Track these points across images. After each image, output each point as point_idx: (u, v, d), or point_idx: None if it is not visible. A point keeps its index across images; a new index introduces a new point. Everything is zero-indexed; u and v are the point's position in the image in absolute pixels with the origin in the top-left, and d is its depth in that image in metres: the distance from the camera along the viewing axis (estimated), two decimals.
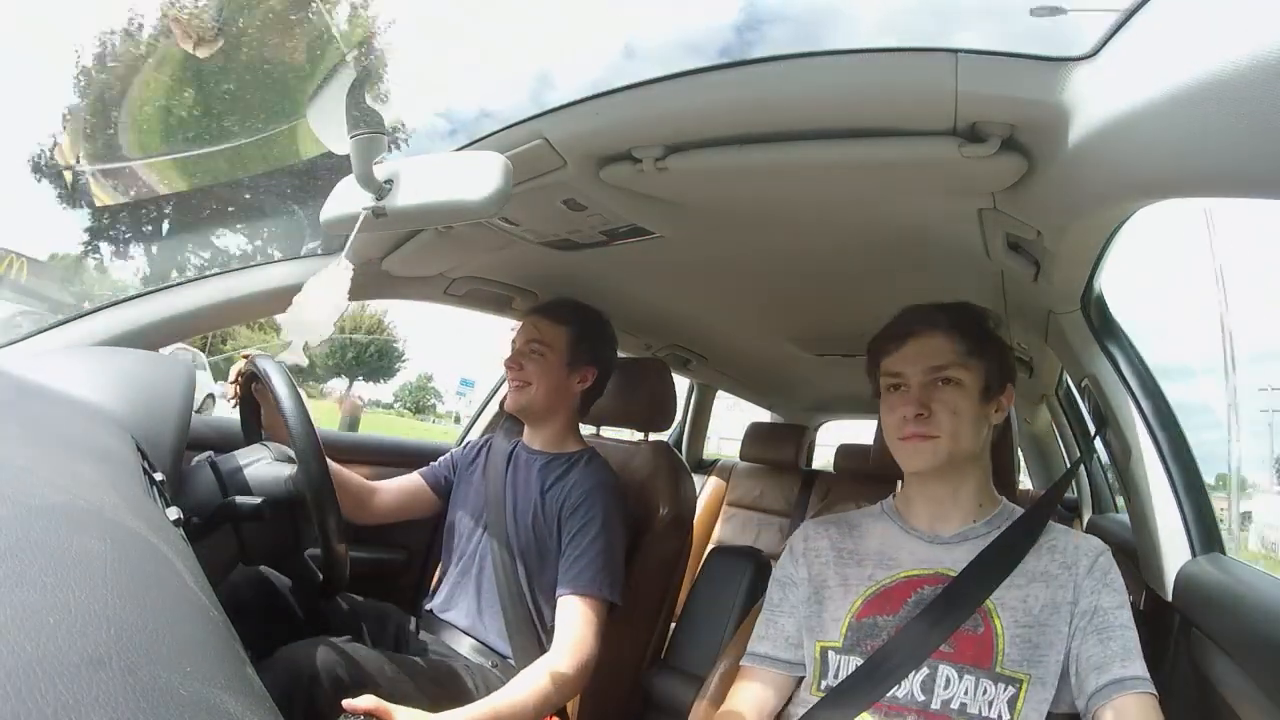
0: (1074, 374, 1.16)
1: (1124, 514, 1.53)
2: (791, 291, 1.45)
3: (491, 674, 1.07)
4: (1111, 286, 0.98)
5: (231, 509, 0.81)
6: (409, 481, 1.30)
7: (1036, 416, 2.52)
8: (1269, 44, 0.36)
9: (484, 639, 1.12)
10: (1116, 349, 0.97)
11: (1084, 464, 1.73)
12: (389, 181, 0.78)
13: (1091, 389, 1.02)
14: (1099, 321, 0.99)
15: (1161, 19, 0.48)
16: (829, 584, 0.86)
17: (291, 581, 1.11)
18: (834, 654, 0.80)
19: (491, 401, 1.81)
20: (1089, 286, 0.92)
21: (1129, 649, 0.71)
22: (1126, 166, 0.56)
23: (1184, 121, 0.44)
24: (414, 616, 1.22)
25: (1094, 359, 0.99)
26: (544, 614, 1.13)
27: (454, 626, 1.15)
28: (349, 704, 0.70)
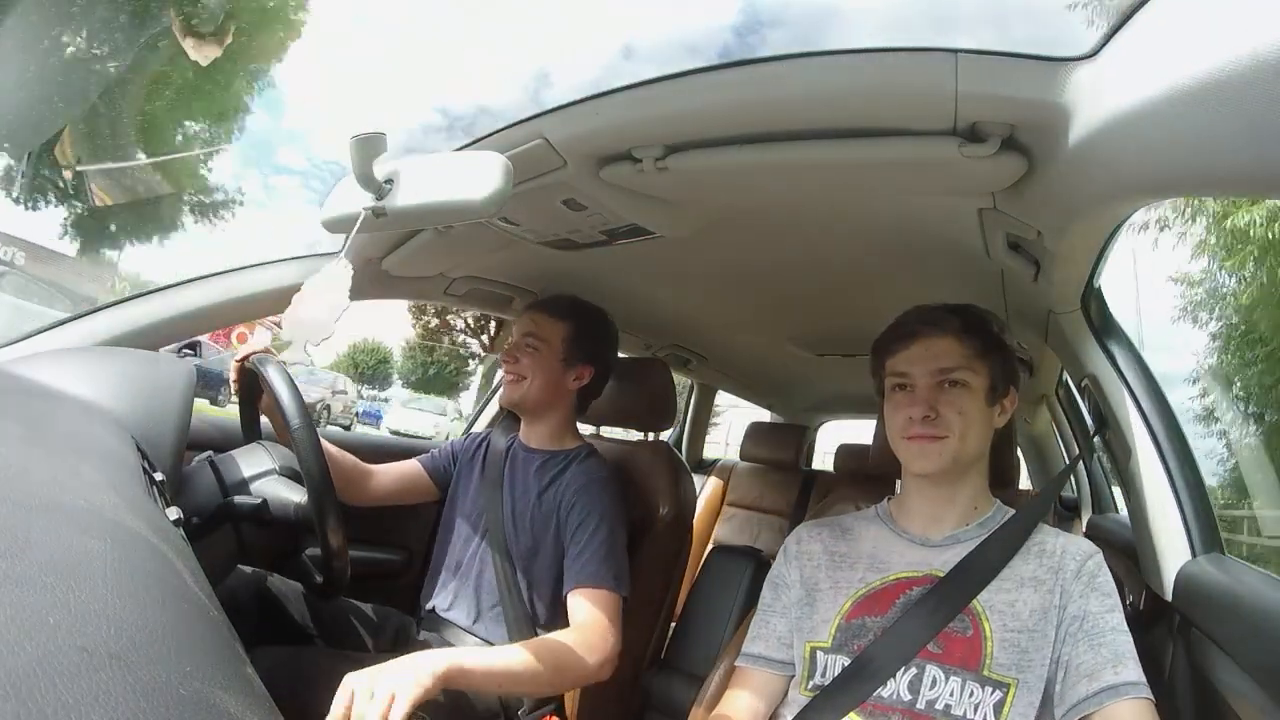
0: (1074, 374, 1.16)
1: (1124, 514, 1.53)
2: (791, 291, 1.45)
3: None
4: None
5: (231, 509, 0.81)
6: (407, 467, 1.30)
7: (1036, 416, 2.52)
8: (1269, 44, 0.36)
9: (485, 638, 1.12)
10: (1116, 349, 0.97)
11: (1084, 463, 1.73)
12: (389, 181, 0.78)
13: (1091, 389, 1.02)
14: (1099, 321, 0.99)
15: (1161, 19, 0.48)
16: (820, 586, 0.86)
17: (290, 583, 1.11)
18: (822, 654, 0.81)
19: (493, 399, 1.81)
20: (1089, 286, 0.92)
21: (1121, 654, 0.70)
22: (1126, 166, 0.56)
23: (1184, 121, 0.44)
24: (414, 617, 1.22)
25: (1094, 359, 0.99)
26: (540, 613, 1.13)
27: (456, 626, 1.15)
28: None
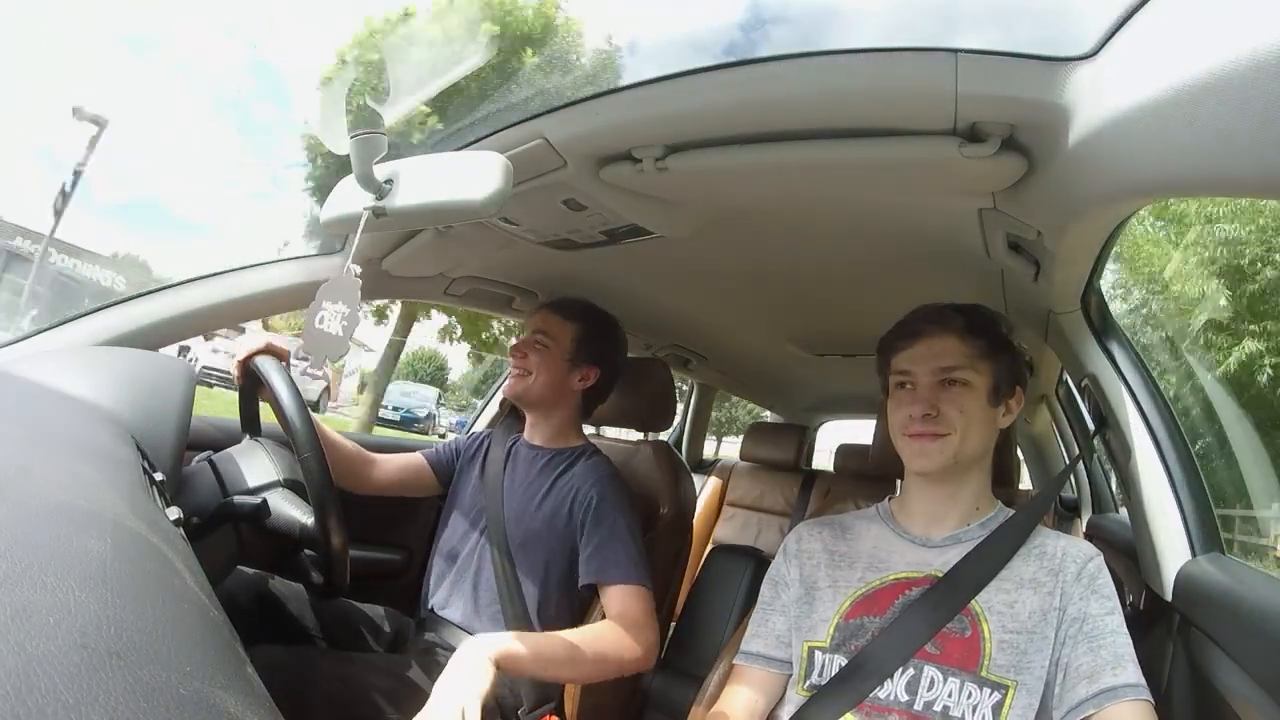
0: (1074, 374, 1.16)
1: (1124, 514, 1.53)
2: (792, 291, 1.45)
3: None
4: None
5: (231, 509, 0.81)
6: (410, 459, 1.30)
7: (1036, 416, 2.52)
8: (1269, 43, 0.36)
9: None
10: (1116, 349, 0.97)
11: (1084, 463, 1.73)
12: (389, 181, 0.78)
13: (1091, 389, 1.02)
14: (1099, 321, 0.99)
15: (1161, 19, 0.48)
16: (819, 585, 0.86)
17: (290, 584, 1.11)
18: (820, 653, 0.81)
19: (496, 396, 1.81)
20: (1089, 286, 0.92)
21: (1120, 656, 0.70)
22: (1126, 166, 0.56)
23: (1184, 121, 0.44)
24: (414, 618, 1.22)
25: (1094, 359, 0.99)
26: (541, 612, 1.13)
27: (455, 625, 1.15)
28: None
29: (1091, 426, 1.12)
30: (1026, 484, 3.04)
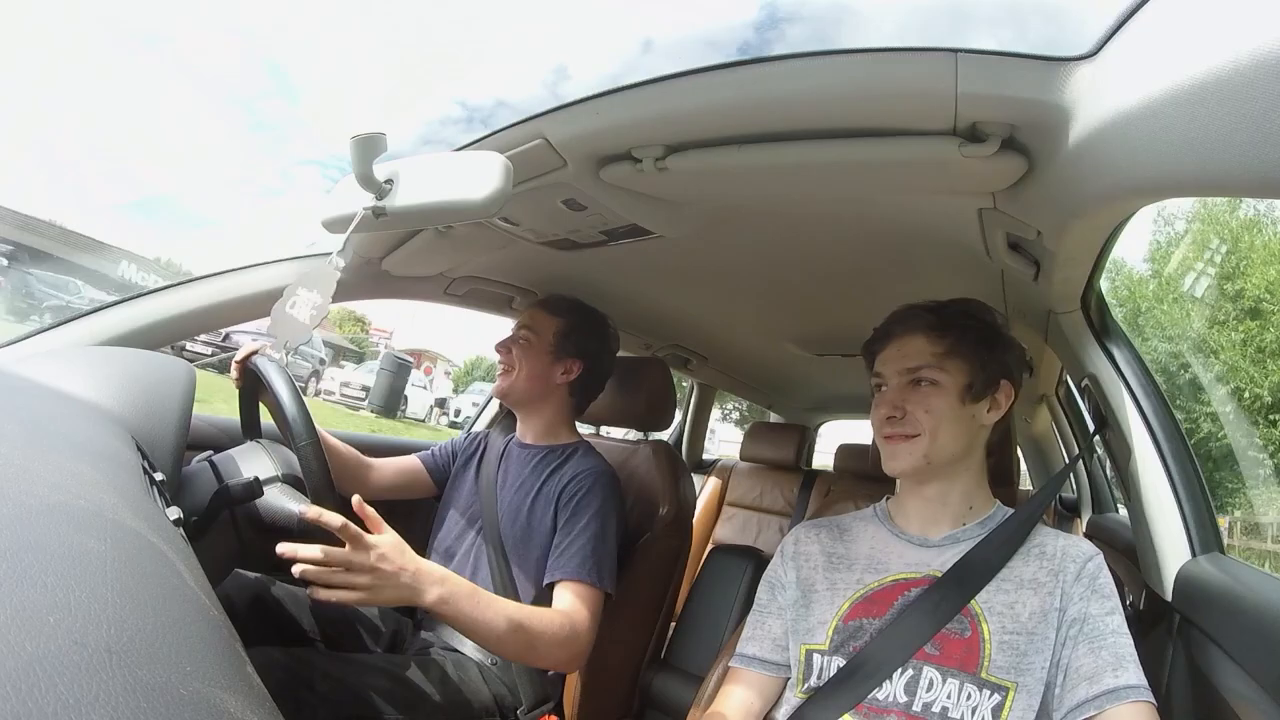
0: (1074, 374, 1.16)
1: (1124, 514, 1.53)
2: (791, 291, 1.45)
3: (490, 670, 1.07)
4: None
5: (226, 494, 0.80)
6: (407, 462, 1.31)
7: (1036, 416, 2.52)
8: (1269, 44, 0.36)
9: None
10: (1116, 349, 0.97)
11: (1084, 463, 1.73)
12: (389, 181, 0.78)
13: (1091, 389, 1.02)
14: (1099, 321, 0.99)
15: (1161, 19, 0.48)
16: (817, 588, 0.85)
17: (288, 586, 1.11)
18: (818, 655, 0.80)
19: (494, 400, 1.81)
20: (1089, 286, 0.92)
21: (1121, 657, 0.69)
22: (1126, 166, 0.56)
23: (1184, 121, 0.44)
24: (412, 618, 1.22)
25: (1094, 359, 0.99)
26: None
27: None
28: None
29: (1091, 426, 1.12)
30: (1025, 484, 3.04)
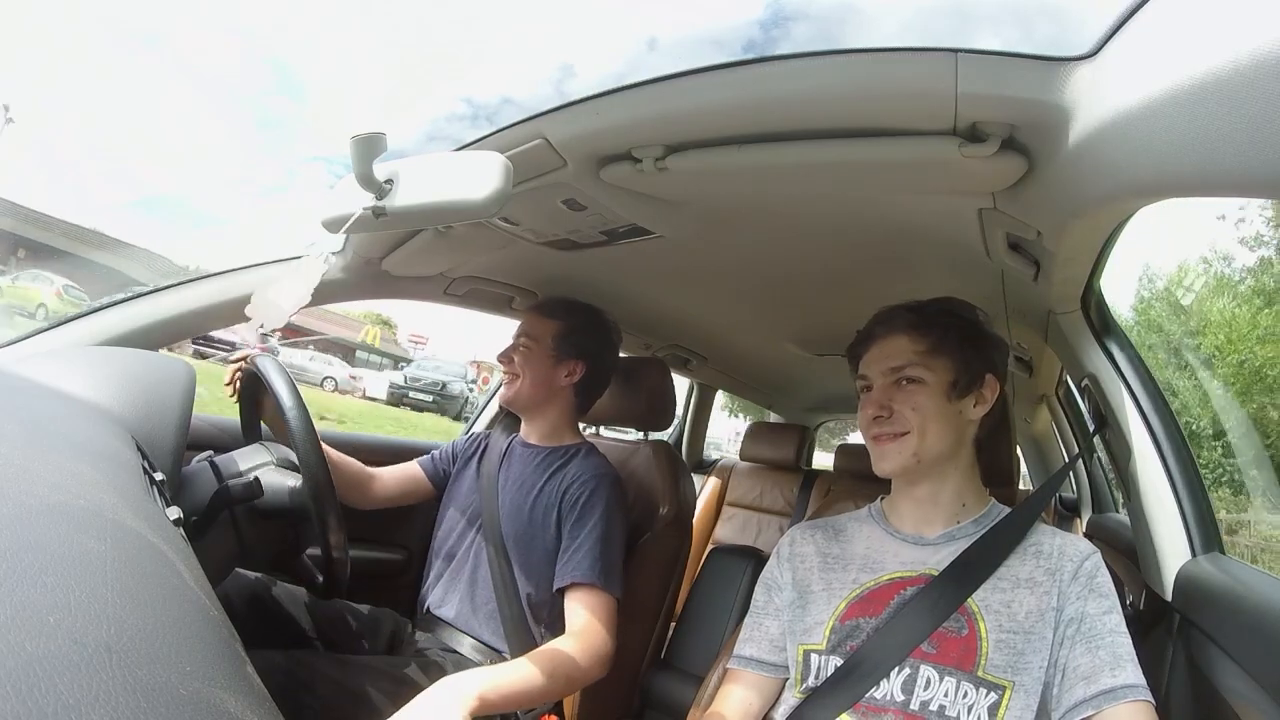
0: (1074, 374, 1.16)
1: (1124, 514, 1.53)
2: (791, 291, 1.45)
3: None
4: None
5: (226, 493, 0.81)
6: (408, 469, 1.31)
7: (1036, 416, 2.52)
8: (1269, 44, 0.36)
9: (480, 636, 1.12)
10: (1116, 349, 0.97)
11: (1084, 463, 1.73)
12: (389, 181, 0.78)
13: (1091, 389, 1.02)
14: (1099, 321, 0.99)
15: (1161, 19, 0.48)
16: (813, 589, 0.85)
17: (287, 587, 1.11)
18: (816, 655, 0.80)
19: (494, 400, 1.82)
20: (1089, 286, 0.92)
21: (1119, 656, 0.69)
22: (1126, 166, 0.56)
23: (1184, 121, 0.44)
24: (412, 619, 1.22)
25: (1094, 359, 0.99)
26: (536, 610, 1.13)
27: (451, 626, 1.15)
28: None
29: (1091, 426, 1.12)
30: (1024, 485, 3.04)
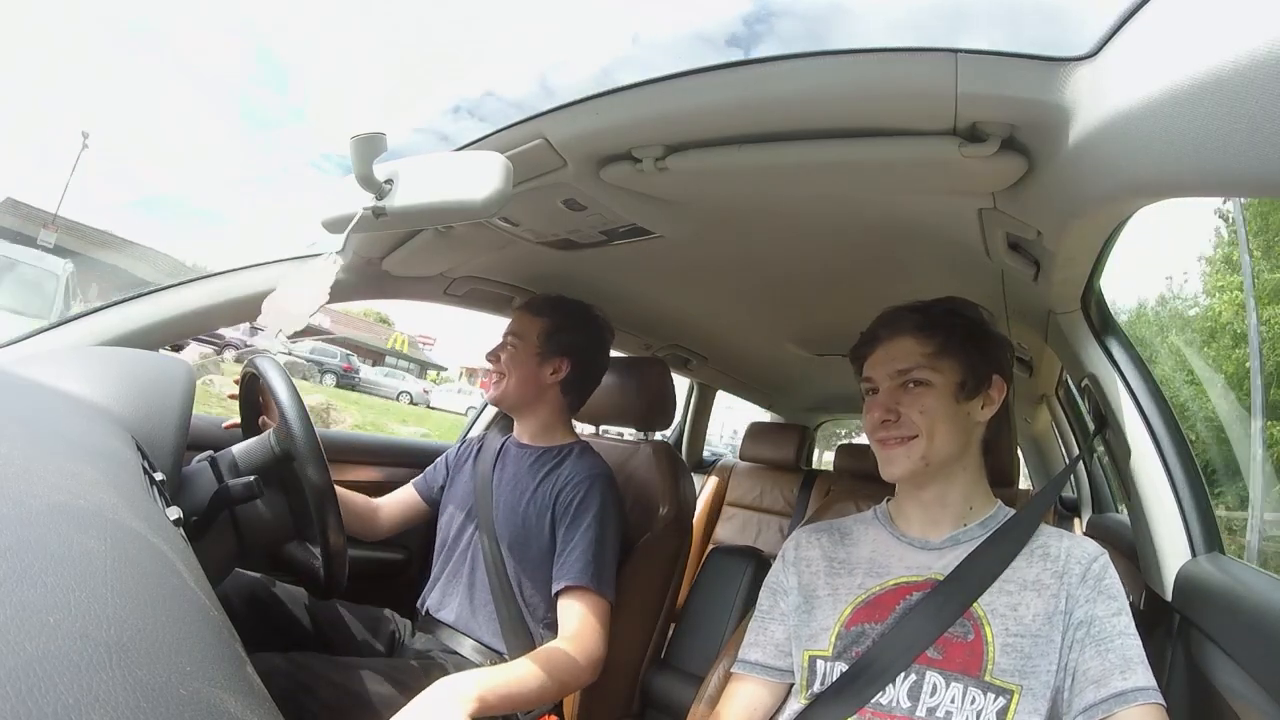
0: (1074, 374, 1.16)
1: (1124, 514, 1.53)
2: (791, 291, 1.45)
3: None
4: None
5: (226, 493, 0.81)
6: (405, 497, 1.32)
7: (1036, 416, 2.52)
8: (1269, 44, 0.36)
9: (480, 638, 1.12)
10: (1116, 349, 0.97)
11: (1084, 463, 1.73)
12: (389, 181, 0.78)
13: (1091, 389, 1.02)
14: (1099, 321, 0.99)
15: (1161, 19, 0.48)
16: (819, 593, 0.85)
17: (287, 588, 1.11)
18: (822, 661, 0.79)
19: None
20: (1089, 286, 0.92)
21: (1129, 659, 0.68)
22: (1126, 166, 0.56)
23: (1184, 121, 0.44)
24: (412, 620, 1.22)
25: (1094, 359, 0.99)
26: (535, 610, 1.13)
27: (450, 627, 1.15)
28: None
29: (1091, 426, 1.12)
30: (1024, 485, 3.04)
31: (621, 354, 1.41)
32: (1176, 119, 0.45)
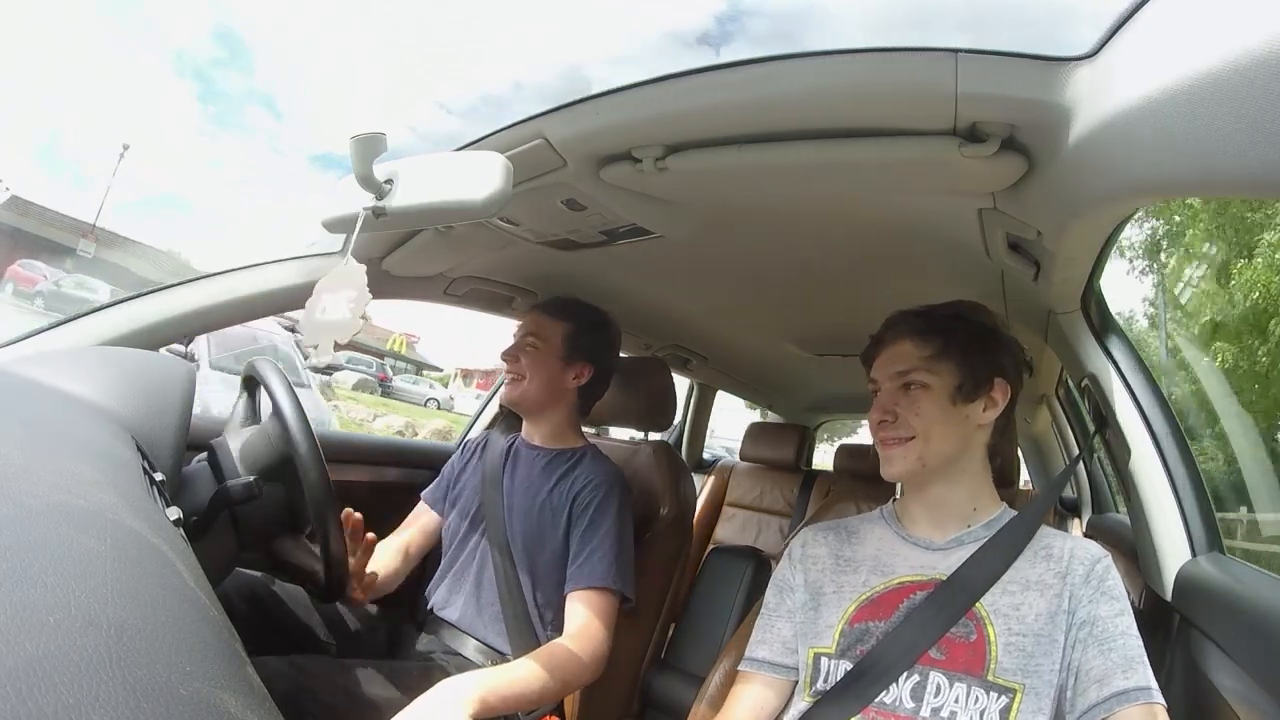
0: (1074, 374, 1.16)
1: (1124, 514, 1.53)
2: (791, 291, 1.45)
3: None
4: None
5: (226, 494, 0.81)
6: (422, 521, 1.28)
7: (1036, 416, 2.52)
8: (1269, 44, 0.36)
9: (484, 638, 1.12)
10: (1116, 349, 0.97)
11: (1084, 463, 1.73)
12: (389, 181, 0.78)
13: (1091, 389, 1.02)
14: (1099, 321, 0.99)
15: (1161, 19, 0.48)
16: (825, 591, 0.85)
17: (288, 588, 1.11)
18: (826, 659, 0.80)
19: (493, 401, 1.82)
20: (1089, 286, 0.92)
21: (1131, 659, 0.69)
22: (1126, 166, 0.56)
23: (1184, 121, 0.44)
24: (415, 620, 1.22)
25: (1094, 359, 0.99)
26: (543, 612, 1.13)
27: (455, 627, 1.15)
28: None
29: (1091, 426, 1.11)
30: (1024, 485, 3.04)
31: (622, 354, 1.41)
32: (1176, 119, 0.45)
